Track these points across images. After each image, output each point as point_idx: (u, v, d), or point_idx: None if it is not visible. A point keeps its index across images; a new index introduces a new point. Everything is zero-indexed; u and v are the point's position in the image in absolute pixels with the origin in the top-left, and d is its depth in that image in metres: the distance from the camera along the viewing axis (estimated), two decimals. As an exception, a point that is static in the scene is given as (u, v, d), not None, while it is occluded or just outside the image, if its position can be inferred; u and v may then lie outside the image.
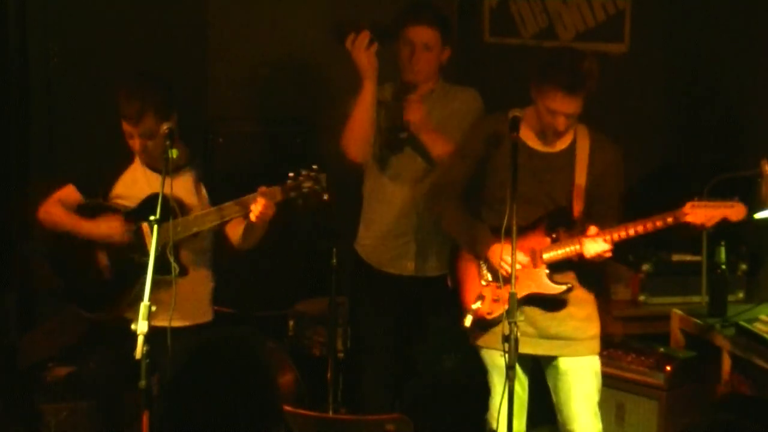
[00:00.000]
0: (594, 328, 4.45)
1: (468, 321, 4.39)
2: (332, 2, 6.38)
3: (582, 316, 4.42)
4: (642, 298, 5.40)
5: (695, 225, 4.19)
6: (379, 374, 5.09)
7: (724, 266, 5.05)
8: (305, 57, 6.36)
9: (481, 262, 4.43)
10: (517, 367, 4.34)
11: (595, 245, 4.23)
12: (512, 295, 3.97)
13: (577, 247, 4.27)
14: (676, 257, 5.42)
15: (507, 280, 4.27)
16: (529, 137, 4.35)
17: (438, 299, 4.95)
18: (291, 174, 4.42)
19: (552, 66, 4.19)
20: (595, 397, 4.45)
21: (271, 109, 6.41)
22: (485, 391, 4.55)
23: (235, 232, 4.50)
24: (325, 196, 4.42)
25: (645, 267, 5.38)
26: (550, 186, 4.34)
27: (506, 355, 3.93)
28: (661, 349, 5.02)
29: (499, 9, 6.43)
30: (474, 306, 4.39)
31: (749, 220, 4.52)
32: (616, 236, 4.22)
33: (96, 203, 4.54)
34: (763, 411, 2.85)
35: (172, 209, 4.33)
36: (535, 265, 4.33)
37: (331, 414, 5.14)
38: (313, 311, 5.58)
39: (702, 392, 4.90)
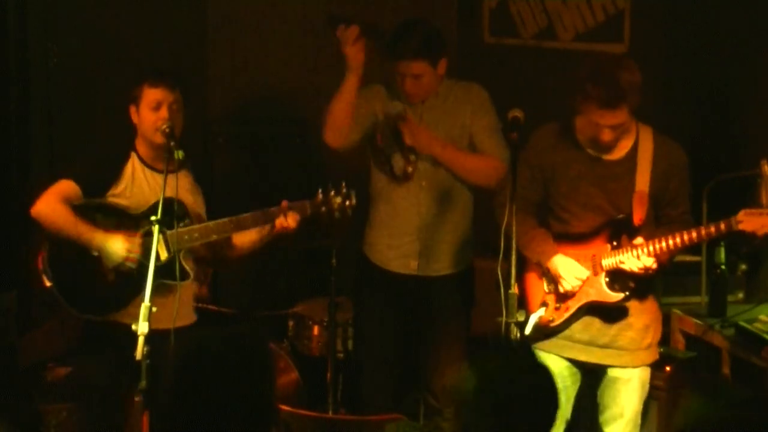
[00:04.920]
0: (649, 338, 4.41)
1: (529, 328, 4.36)
2: (333, 3, 6.38)
3: (640, 327, 4.38)
4: (642, 298, 5.40)
5: (747, 233, 4.08)
6: (381, 374, 5.09)
7: (723, 266, 5.05)
8: (305, 57, 6.37)
9: (546, 271, 4.40)
10: (567, 374, 4.42)
11: (636, 261, 4.18)
12: (512, 296, 3.96)
13: (622, 259, 4.23)
14: (676, 257, 5.41)
15: (566, 296, 4.32)
16: (587, 145, 4.32)
17: (443, 299, 4.96)
18: (321, 190, 4.46)
19: (590, 80, 4.12)
20: (637, 407, 4.43)
21: (270, 110, 6.41)
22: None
23: (243, 238, 4.51)
24: (350, 212, 4.49)
25: (645, 267, 5.38)
26: (612, 193, 4.29)
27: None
28: (661, 349, 5.01)
29: (498, 9, 6.44)
30: (537, 314, 4.38)
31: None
32: (663, 247, 4.14)
33: (97, 203, 4.44)
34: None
35: (188, 215, 4.33)
36: (595, 273, 4.30)
37: (330, 414, 5.14)
38: (313, 311, 5.58)
39: (702, 392, 4.89)
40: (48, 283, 4.36)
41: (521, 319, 4.09)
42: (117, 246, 4.30)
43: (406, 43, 4.74)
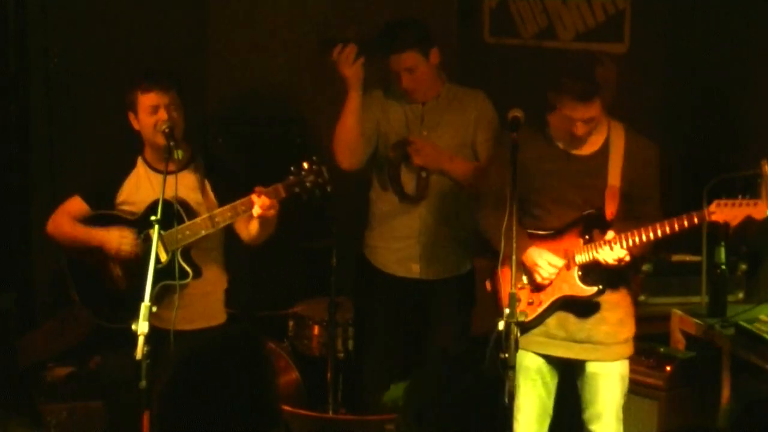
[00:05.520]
0: (626, 332, 4.44)
1: (501, 324, 4.36)
2: (333, 3, 6.39)
3: (614, 321, 4.40)
4: (642, 298, 5.40)
5: (720, 224, 4.15)
6: (382, 375, 5.10)
7: (724, 266, 5.05)
8: (305, 57, 6.36)
9: (517, 266, 4.41)
10: (545, 370, 4.44)
11: (611, 253, 4.22)
12: (512, 296, 3.97)
13: (595, 253, 4.27)
14: (676, 257, 5.42)
15: (540, 286, 4.33)
16: (559, 141, 4.35)
17: (444, 302, 4.96)
18: (292, 169, 4.41)
19: (565, 74, 4.20)
20: (619, 401, 4.44)
21: (270, 110, 6.41)
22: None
23: (243, 228, 4.50)
24: (329, 188, 4.43)
25: (645, 267, 5.38)
26: (585, 189, 4.33)
27: (506, 355, 3.94)
28: (661, 349, 5.02)
29: (499, 9, 6.43)
30: (508, 309, 4.38)
31: (750, 220, 4.52)
32: (636, 240, 4.18)
33: (103, 214, 4.52)
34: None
35: (177, 214, 4.33)
36: (568, 267, 4.33)
37: (331, 414, 5.14)
38: (313, 311, 5.58)
39: (702, 392, 4.90)
40: (76, 298, 4.57)
41: (522, 318, 4.10)
42: (112, 236, 4.44)
43: (393, 38, 4.77)
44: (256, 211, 4.32)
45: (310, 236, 5.76)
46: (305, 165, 4.38)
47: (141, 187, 4.51)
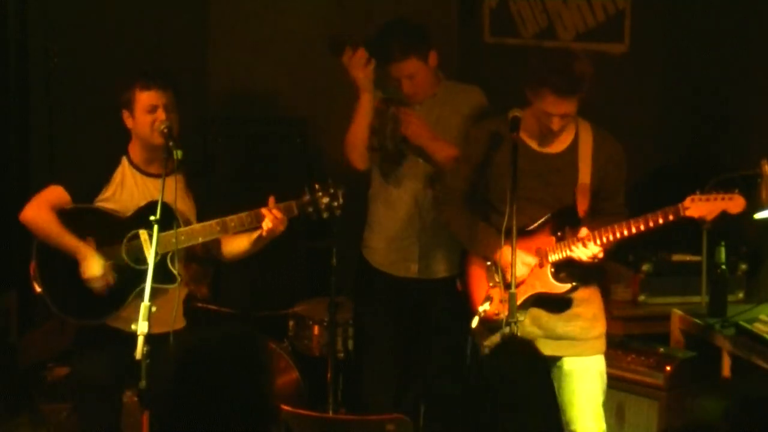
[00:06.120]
0: (600, 327, 4.47)
1: (475, 322, 4.36)
2: (333, 2, 6.38)
3: (589, 316, 4.43)
4: (642, 298, 5.41)
5: (696, 219, 4.17)
6: (381, 375, 5.10)
7: (724, 266, 5.05)
8: (305, 57, 6.36)
9: (489, 264, 4.43)
10: None
11: (585, 250, 4.23)
12: (512, 295, 3.98)
13: (569, 251, 4.28)
14: (676, 257, 5.42)
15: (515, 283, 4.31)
16: (529, 139, 4.36)
17: (443, 302, 4.96)
18: (307, 188, 4.42)
19: (546, 69, 4.20)
20: (599, 398, 4.45)
21: (271, 109, 6.41)
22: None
23: (232, 240, 4.50)
24: (339, 212, 4.43)
25: (645, 267, 5.39)
26: (555, 187, 4.36)
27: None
28: (661, 349, 5.02)
29: (499, 9, 6.43)
30: (482, 307, 4.37)
31: (749, 219, 4.53)
32: (610, 237, 4.21)
33: (84, 208, 4.43)
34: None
35: (176, 218, 4.31)
36: (540, 265, 4.34)
37: (331, 414, 5.14)
38: (313, 311, 5.58)
39: (702, 392, 4.90)
40: (38, 289, 4.41)
41: (521, 318, 4.11)
42: (93, 267, 4.31)
43: (391, 46, 4.74)
44: (266, 225, 4.32)
45: (310, 236, 5.76)
46: (317, 186, 4.41)
47: (126, 187, 4.45)
